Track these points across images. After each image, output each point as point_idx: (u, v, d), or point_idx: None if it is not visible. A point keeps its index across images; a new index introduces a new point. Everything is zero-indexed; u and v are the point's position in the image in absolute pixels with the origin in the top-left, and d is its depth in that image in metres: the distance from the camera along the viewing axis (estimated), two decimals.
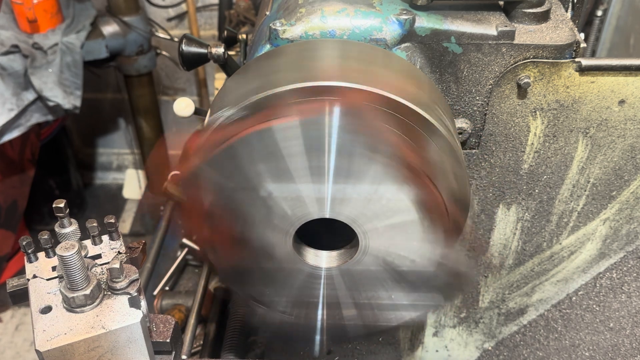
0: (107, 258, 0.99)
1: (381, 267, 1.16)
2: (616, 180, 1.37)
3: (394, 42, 1.20)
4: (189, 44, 1.36)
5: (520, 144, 1.32)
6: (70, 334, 0.87)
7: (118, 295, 0.92)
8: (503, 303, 1.60)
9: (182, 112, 1.47)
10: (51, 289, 0.94)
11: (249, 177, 1.06)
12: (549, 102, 1.26)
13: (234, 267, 1.23)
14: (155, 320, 1.00)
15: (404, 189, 1.05)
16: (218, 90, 1.29)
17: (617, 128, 1.29)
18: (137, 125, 3.36)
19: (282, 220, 1.10)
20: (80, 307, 0.90)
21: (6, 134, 2.63)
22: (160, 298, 2.02)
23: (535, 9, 1.23)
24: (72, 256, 0.86)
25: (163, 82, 3.68)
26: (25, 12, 2.66)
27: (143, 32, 2.98)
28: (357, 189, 1.06)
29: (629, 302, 1.53)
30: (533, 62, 1.21)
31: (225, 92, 1.18)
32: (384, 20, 1.19)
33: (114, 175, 4.11)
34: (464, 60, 1.22)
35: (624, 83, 1.23)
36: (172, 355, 0.99)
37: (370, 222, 1.09)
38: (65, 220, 0.97)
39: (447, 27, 1.19)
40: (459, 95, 1.27)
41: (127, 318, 0.89)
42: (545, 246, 1.48)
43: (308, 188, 1.06)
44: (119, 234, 1.02)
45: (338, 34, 1.19)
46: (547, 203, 1.41)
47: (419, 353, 1.71)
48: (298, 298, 1.24)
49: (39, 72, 2.62)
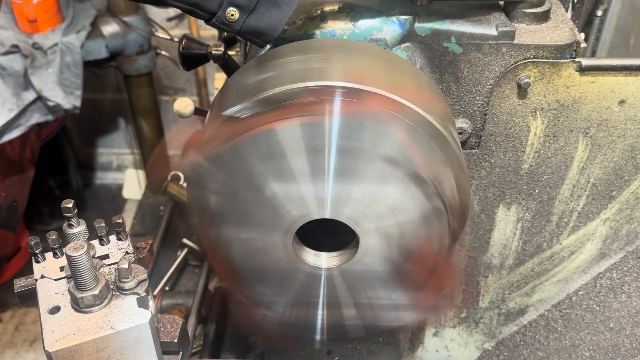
0: (114, 258, 0.99)
1: (382, 267, 1.16)
2: (616, 180, 1.37)
3: (394, 42, 1.20)
4: (189, 44, 1.36)
5: (521, 144, 1.32)
6: (79, 334, 0.87)
7: (126, 296, 0.92)
8: (503, 303, 1.60)
9: (182, 112, 1.47)
10: (59, 289, 0.94)
11: (251, 176, 1.06)
12: (549, 102, 1.26)
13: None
14: (162, 321, 1.00)
15: (407, 191, 1.05)
16: (218, 90, 1.29)
17: (617, 128, 1.29)
18: (137, 125, 3.35)
19: (282, 220, 1.10)
20: (89, 307, 0.90)
21: (6, 134, 2.62)
22: (160, 298, 2.02)
23: (535, 9, 1.23)
24: (81, 256, 0.86)
25: (163, 82, 3.68)
26: (25, 12, 2.66)
27: (143, 32, 2.98)
28: (358, 189, 1.06)
29: (629, 302, 1.53)
30: (533, 62, 1.21)
31: (225, 91, 1.18)
32: (384, 20, 1.19)
33: (114, 175, 4.10)
34: (464, 60, 1.22)
35: (624, 83, 1.23)
36: (180, 355, 0.99)
37: (372, 223, 1.09)
38: (74, 220, 0.97)
39: (447, 27, 1.19)
40: (459, 95, 1.27)
41: (136, 318, 0.89)
42: (546, 246, 1.48)
43: (308, 188, 1.06)
44: (126, 234, 1.02)
45: (338, 33, 1.19)
46: (547, 203, 1.41)
47: (419, 353, 1.71)
48: (298, 298, 1.24)
49: (39, 72, 2.62)
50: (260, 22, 1.03)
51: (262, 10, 1.03)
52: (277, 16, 1.04)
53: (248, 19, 1.03)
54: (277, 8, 1.03)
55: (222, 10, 1.01)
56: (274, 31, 1.05)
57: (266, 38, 1.07)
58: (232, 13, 1.02)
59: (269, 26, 1.04)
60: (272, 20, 1.04)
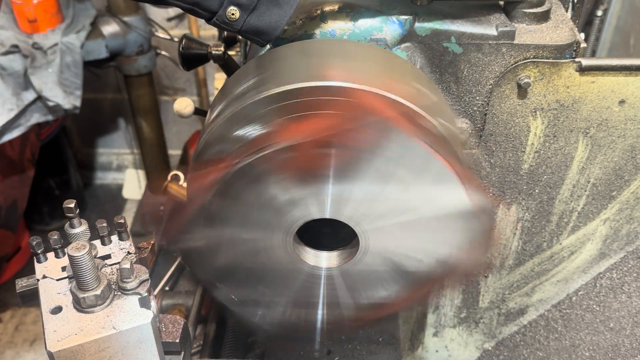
0: (116, 258, 0.99)
1: (383, 267, 1.16)
2: (616, 180, 1.37)
3: (394, 42, 1.20)
4: (189, 44, 1.36)
5: (521, 144, 1.32)
6: (81, 334, 0.87)
7: (128, 296, 0.92)
8: (503, 303, 1.60)
9: (182, 112, 1.48)
10: (61, 289, 0.94)
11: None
12: (549, 102, 1.26)
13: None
14: (164, 321, 1.00)
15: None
16: (218, 90, 1.29)
17: (617, 128, 1.29)
18: (137, 125, 3.36)
19: (282, 220, 1.10)
20: (91, 307, 0.90)
21: (6, 134, 2.62)
22: (160, 298, 2.02)
23: (535, 9, 1.23)
24: (83, 256, 0.86)
25: (163, 82, 3.68)
26: (25, 12, 2.66)
27: (143, 32, 2.98)
28: (358, 189, 1.06)
29: (629, 302, 1.53)
30: (533, 62, 1.21)
31: (225, 91, 1.18)
32: (384, 20, 1.19)
33: (114, 175, 4.11)
34: (464, 60, 1.22)
35: (624, 83, 1.23)
36: (181, 355, 0.99)
37: (374, 223, 1.09)
38: (75, 220, 0.97)
39: (447, 27, 1.19)
40: (459, 95, 1.27)
41: (138, 318, 0.90)
42: (546, 246, 1.48)
43: (309, 188, 1.06)
44: (128, 234, 1.02)
45: (338, 33, 1.19)
46: (547, 203, 1.41)
47: (419, 353, 1.71)
48: (297, 298, 1.24)
49: (39, 72, 2.62)
50: (261, 21, 1.03)
51: (263, 9, 1.03)
52: (278, 15, 1.04)
53: (249, 18, 1.03)
54: (277, 7, 1.03)
55: (223, 9, 1.02)
56: (275, 30, 1.05)
57: (267, 37, 1.07)
58: (232, 12, 1.02)
59: (270, 25, 1.04)
60: (272, 19, 1.04)
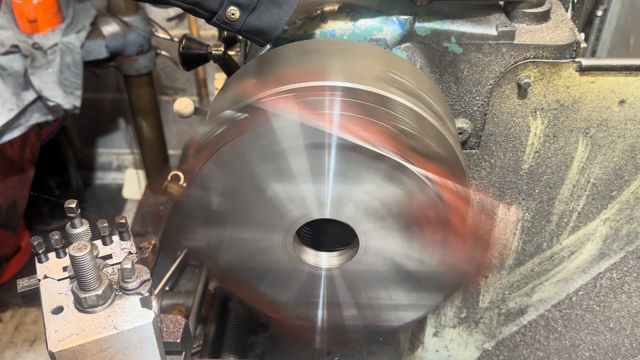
0: (117, 258, 0.99)
1: (383, 267, 1.16)
2: (616, 180, 1.37)
3: (394, 42, 1.20)
4: (189, 44, 1.36)
5: (521, 144, 1.32)
6: (82, 334, 0.87)
7: (130, 296, 0.92)
8: (503, 303, 1.60)
9: (182, 112, 1.48)
10: (62, 290, 0.94)
11: (251, 176, 1.06)
12: (549, 102, 1.26)
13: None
14: (165, 321, 1.00)
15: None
16: (218, 90, 1.29)
17: (617, 128, 1.29)
18: (137, 125, 3.36)
19: (282, 220, 1.10)
20: (92, 307, 0.90)
21: (6, 134, 2.62)
22: (160, 298, 2.02)
23: (535, 9, 1.23)
24: (84, 256, 0.86)
25: (163, 82, 3.68)
26: (25, 12, 2.66)
27: (143, 32, 2.98)
28: (358, 189, 1.06)
29: (629, 302, 1.53)
30: (533, 62, 1.21)
31: (225, 91, 1.18)
32: (384, 20, 1.19)
33: (114, 175, 4.10)
34: (464, 60, 1.22)
35: (624, 83, 1.23)
36: (182, 355, 0.99)
37: (374, 223, 1.09)
38: (77, 220, 0.97)
39: (447, 27, 1.19)
40: (459, 95, 1.27)
41: (139, 318, 0.89)
42: (546, 246, 1.48)
43: (309, 188, 1.06)
44: (129, 234, 1.02)
45: (338, 33, 1.19)
46: (547, 203, 1.41)
47: (419, 353, 1.71)
48: (298, 298, 1.24)
49: (39, 72, 2.62)
50: (261, 21, 1.03)
51: (263, 9, 1.03)
52: (278, 15, 1.04)
53: (249, 18, 1.03)
54: (277, 7, 1.03)
55: (223, 9, 1.02)
56: (275, 30, 1.05)
57: (267, 37, 1.07)
58: (232, 12, 1.02)
59: (270, 25, 1.04)
60: (272, 19, 1.04)
